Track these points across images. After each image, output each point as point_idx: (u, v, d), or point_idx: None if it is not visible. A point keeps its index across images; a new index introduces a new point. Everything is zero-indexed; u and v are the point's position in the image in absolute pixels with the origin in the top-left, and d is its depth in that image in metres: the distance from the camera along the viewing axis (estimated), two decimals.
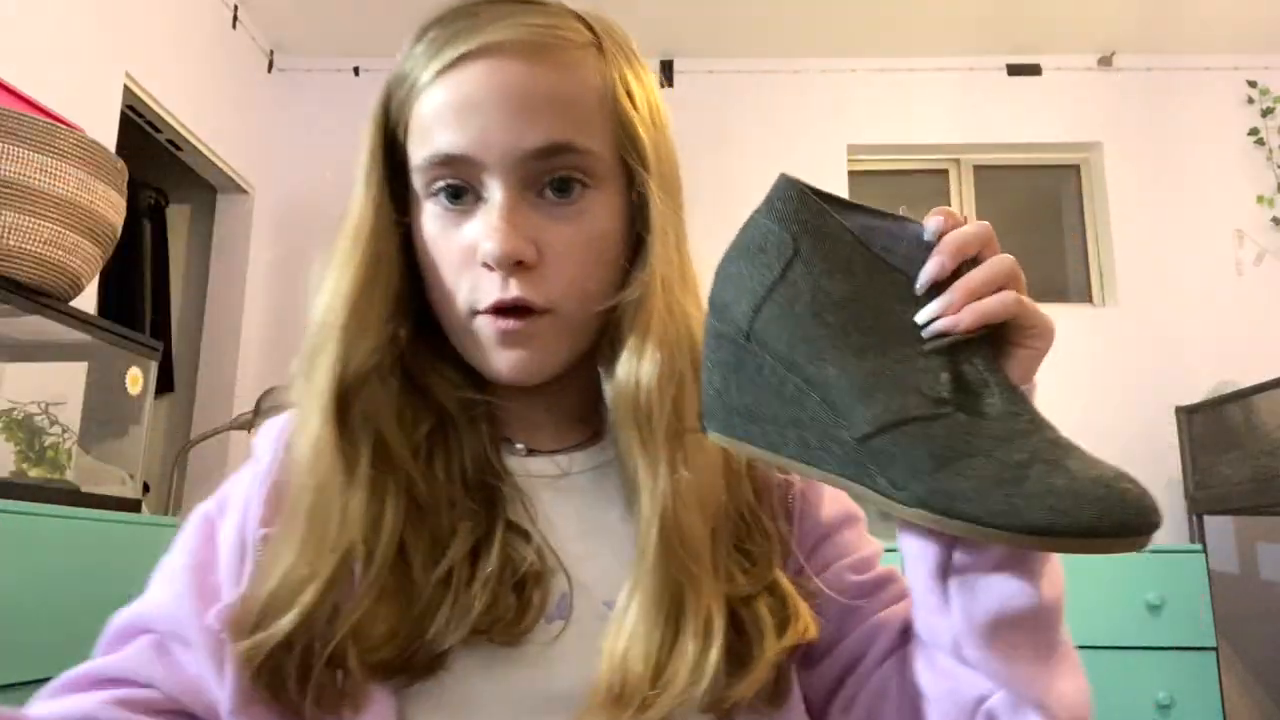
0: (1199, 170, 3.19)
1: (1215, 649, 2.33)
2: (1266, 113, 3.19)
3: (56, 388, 1.82)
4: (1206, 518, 2.74)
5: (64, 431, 1.77)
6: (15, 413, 1.72)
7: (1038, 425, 0.43)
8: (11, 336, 1.74)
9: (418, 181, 0.55)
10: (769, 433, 0.45)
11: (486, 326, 0.54)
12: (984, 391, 0.43)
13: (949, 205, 3.14)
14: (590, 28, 0.57)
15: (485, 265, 0.53)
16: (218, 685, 0.52)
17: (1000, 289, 0.44)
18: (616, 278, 0.57)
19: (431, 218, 0.55)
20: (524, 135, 0.52)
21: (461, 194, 0.54)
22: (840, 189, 3.27)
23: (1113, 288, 3.16)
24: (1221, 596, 2.69)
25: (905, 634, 0.56)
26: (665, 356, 0.54)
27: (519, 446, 0.61)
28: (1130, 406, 3.00)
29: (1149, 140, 3.23)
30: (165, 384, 3.01)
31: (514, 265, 0.52)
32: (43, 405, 1.75)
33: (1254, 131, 3.19)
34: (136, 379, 1.87)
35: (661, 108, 0.60)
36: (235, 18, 3.06)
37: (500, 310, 0.53)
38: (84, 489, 1.71)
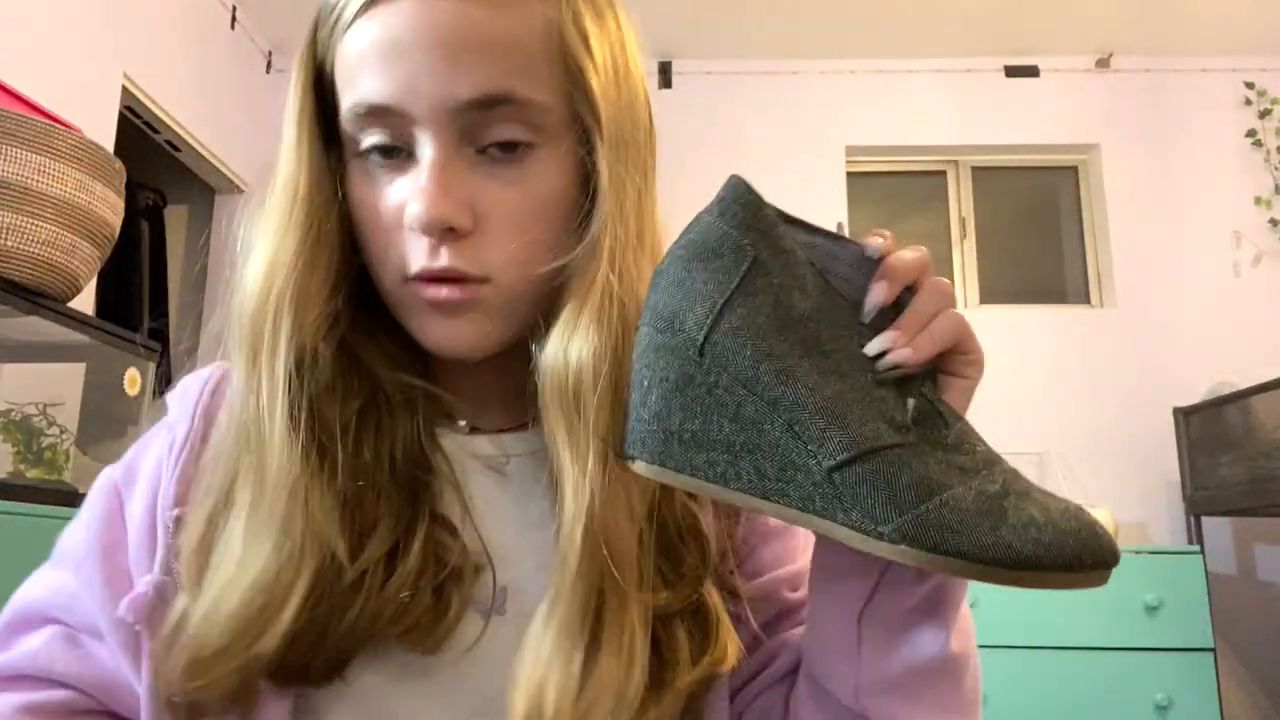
0: (1196, 172, 3.19)
1: (1213, 650, 2.33)
2: (1264, 114, 3.20)
3: (54, 388, 1.82)
4: (1204, 519, 2.75)
5: (62, 432, 1.77)
6: (13, 414, 1.72)
7: (993, 455, 0.41)
8: (9, 337, 1.73)
9: (345, 134, 0.49)
10: (717, 462, 0.40)
11: (419, 294, 0.48)
12: (937, 421, 0.41)
13: (948, 207, 3.10)
14: None
15: (413, 230, 0.47)
16: (135, 680, 0.48)
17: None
18: (565, 243, 0.49)
19: (361, 174, 0.49)
20: (457, 84, 0.45)
21: (393, 150, 0.48)
22: (839, 190, 3.27)
23: (1110, 289, 3.17)
24: (1219, 597, 2.69)
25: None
26: (603, 333, 0.46)
27: (461, 424, 0.55)
28: (1128, 408, 3.01)
29: (1147, 142, 3.24)
30: (164, 385, 3.01)
31: (444, 232, 0.46)
32: (40, 406, 1.75)
33: (1251, 133, 3.19)
34: (134, 380, 1.86)
35: (630, 56, 0.52)
36: (234, 18, 3.06)
37: (431, 278, 0.48)
38: (82, 490, 1.71)
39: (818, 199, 3.26)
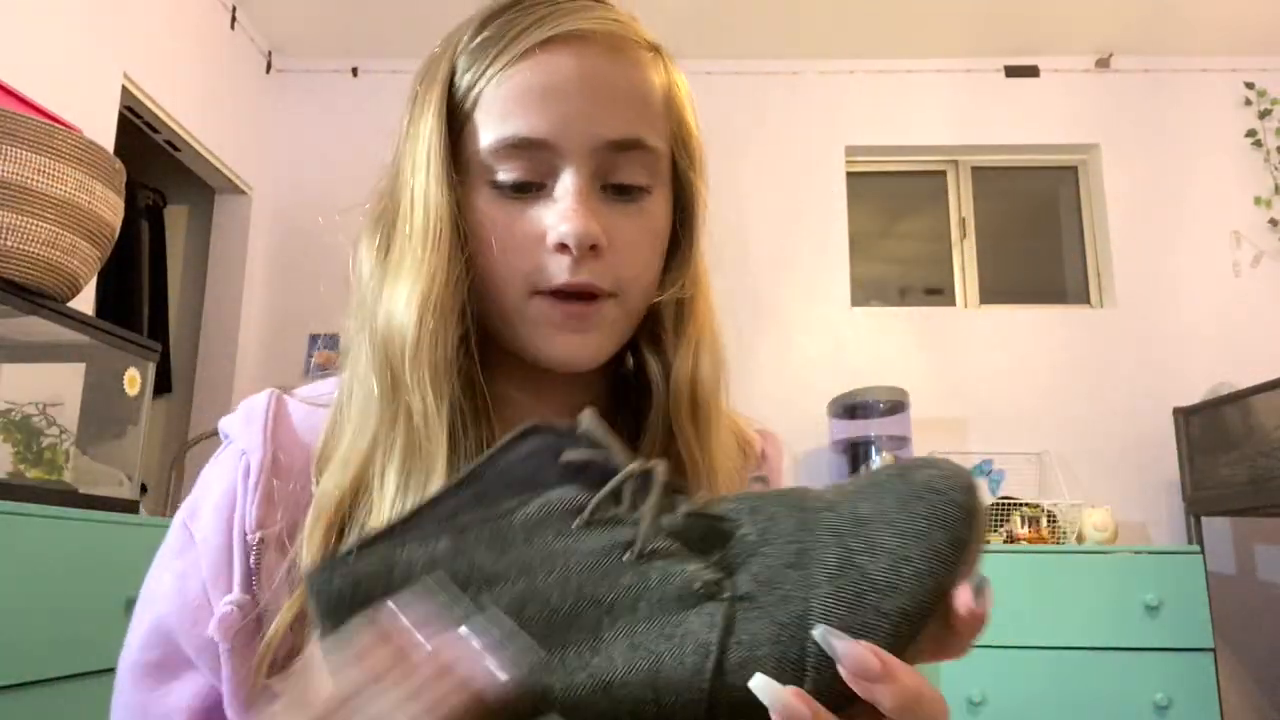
0: (1196, 172, 3.19)
1: (1213, 650, 2.33)
2: (1264, 114, 3.20)
3: (54, 388, 1.82)
4: (1204, 519, 2.75)
5: (62, 432, 1.77)
6: (13, 414, 1.72)
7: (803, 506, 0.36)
8: (9, 337, 1.73)
9: (479, 165, 0.54)
10: None
11: (547, 309, 0.53)
12: (710, 538, 0.36)
13: (948, 207, 3.09)
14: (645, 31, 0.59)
15: (559, 248, 0.52)
16: (216, 682, 0.51)
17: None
18: (662, 275, 0.58)
19: (490, 202, 0.54)
20: (605, 125, 0.53)
21: (527, 185, 0.53)
22: (839, 191, 3.27)
23: (1110, 289, 3.17)
24: (1219, 597, 2.69)
25: None
26: (716, 353, 0.57)
27: None
28: (1128, 408, 3.01)
29: (1146, 142, 3.24)
30: (163, 385, 3.01)
31: (588, 249, 0.52)
32: (40, 406, 1.75)
33: (1251, 133, 3.19)
34: (134, 380, 1.86)
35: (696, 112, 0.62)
36: (233, 19, 3.06)
37: (565, 294, 0.53)
38: (81, 490, 1.71)
39: (818, 199, 3.26)
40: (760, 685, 0.32)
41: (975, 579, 0.35)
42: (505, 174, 0.53)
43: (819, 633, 0.33)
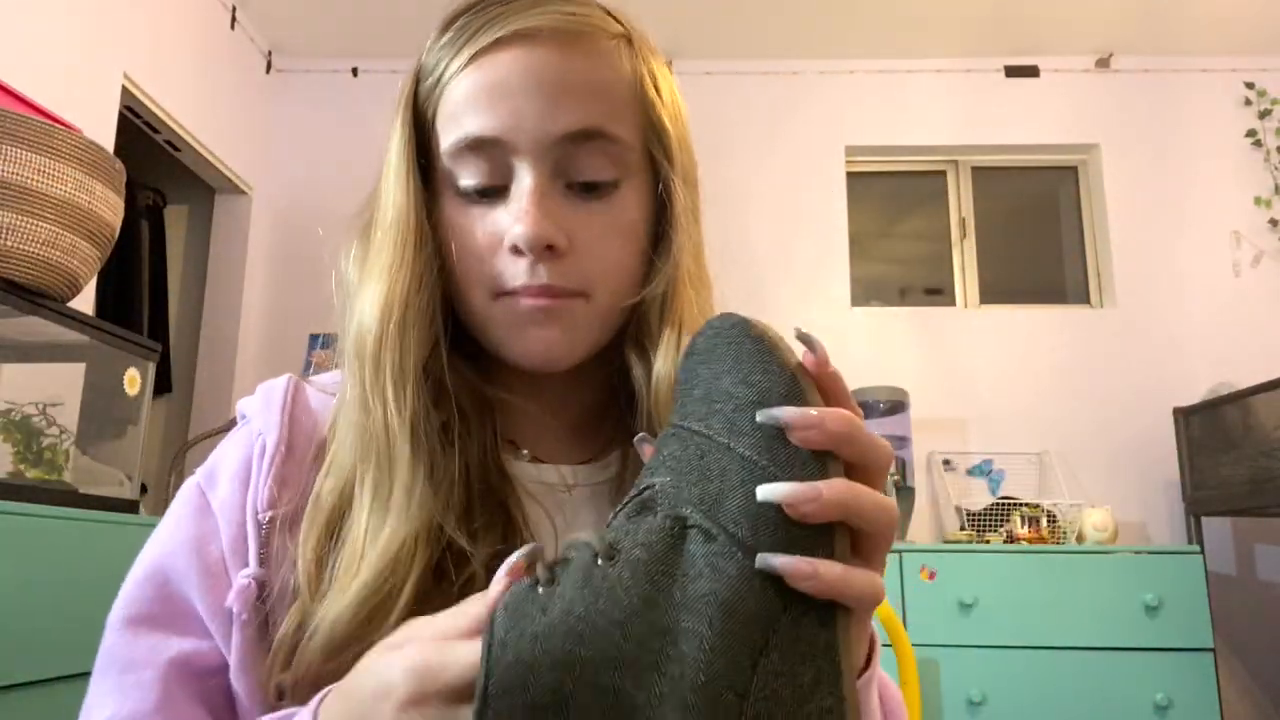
0: (1196, 172, 3.19)
1: (1213, 650, 2.33)
2: (1264, 114, 3.20)
3: (54, 388, 1.82)
4: (1204, 519, 2.75)
5: (61, 432, 1.77)
6: (13, 414, 1.72)
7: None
8: (9, 337, 1.73)
9: (443, 170, 0.54)
10: None
11: (513, 306, 0.52)
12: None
13: (948, 207, 3.08)
14: (618, 21, 0.57)
15: (514, 250, 0.51)
16: (224, 650, 0.51)
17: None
18: (642, 272, 0.56)
19: (455, 207, 0.54)
20: (556, 118, 0.51)
21: (489, 190, 0.53)
22: (839, 190, 3.27)
23: (1110, 289, 3.17)
24: (1219, 597, 2.70)
25: None
26: None
27: (524, 452, 0.58)
28: (1128, 408, 3.01)
29: (1147, 142, 3.24)
30: (163, 385, 3.01)
31: (544, 250, 0.51)
32: (40, 406, 1.74)
33: (1251, 133, 3.19)
34: (134, 380, 1.86)
35: (682, 105, 0.59)
36: (233, 18, 3.06)
37: (528, 292, 0.52)
38: (81, 490, 1.71)
39: (818, 199, 3.26)
40: (769, 491, 0.35)
41: (801, 339, 0.40)
42: (465, 178, 0.53)
43: (762, 415, 0.36)
